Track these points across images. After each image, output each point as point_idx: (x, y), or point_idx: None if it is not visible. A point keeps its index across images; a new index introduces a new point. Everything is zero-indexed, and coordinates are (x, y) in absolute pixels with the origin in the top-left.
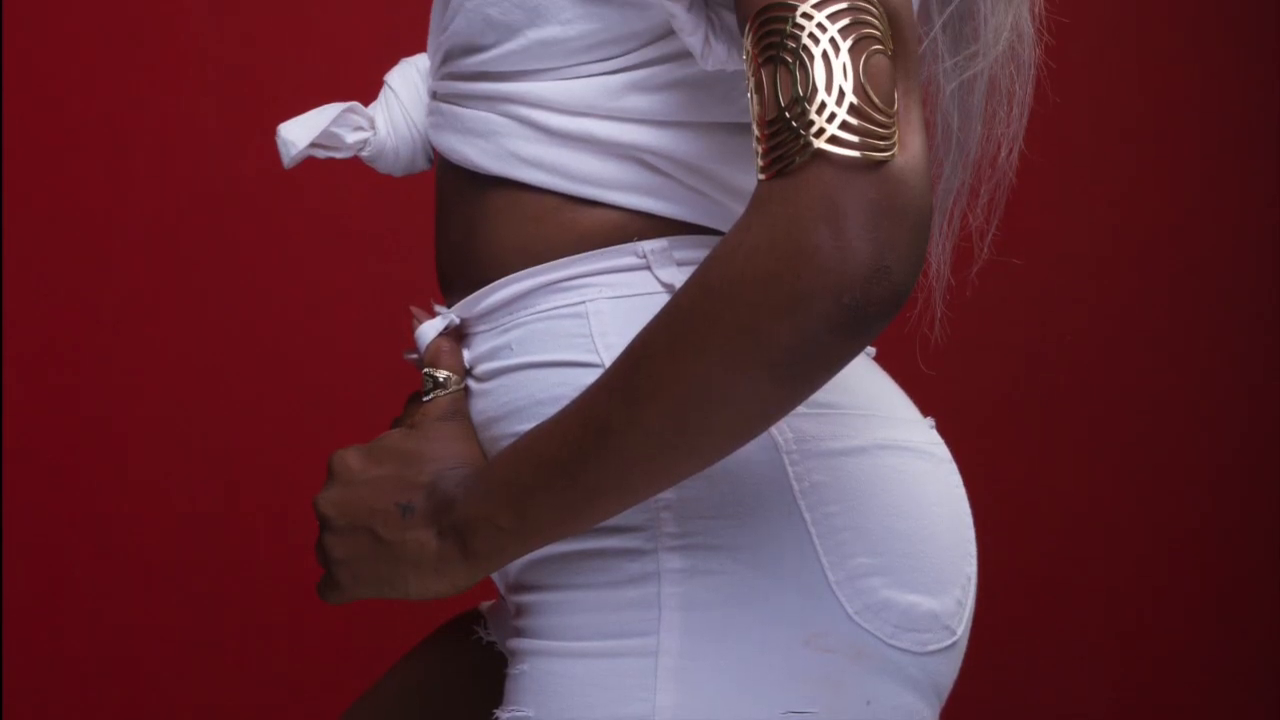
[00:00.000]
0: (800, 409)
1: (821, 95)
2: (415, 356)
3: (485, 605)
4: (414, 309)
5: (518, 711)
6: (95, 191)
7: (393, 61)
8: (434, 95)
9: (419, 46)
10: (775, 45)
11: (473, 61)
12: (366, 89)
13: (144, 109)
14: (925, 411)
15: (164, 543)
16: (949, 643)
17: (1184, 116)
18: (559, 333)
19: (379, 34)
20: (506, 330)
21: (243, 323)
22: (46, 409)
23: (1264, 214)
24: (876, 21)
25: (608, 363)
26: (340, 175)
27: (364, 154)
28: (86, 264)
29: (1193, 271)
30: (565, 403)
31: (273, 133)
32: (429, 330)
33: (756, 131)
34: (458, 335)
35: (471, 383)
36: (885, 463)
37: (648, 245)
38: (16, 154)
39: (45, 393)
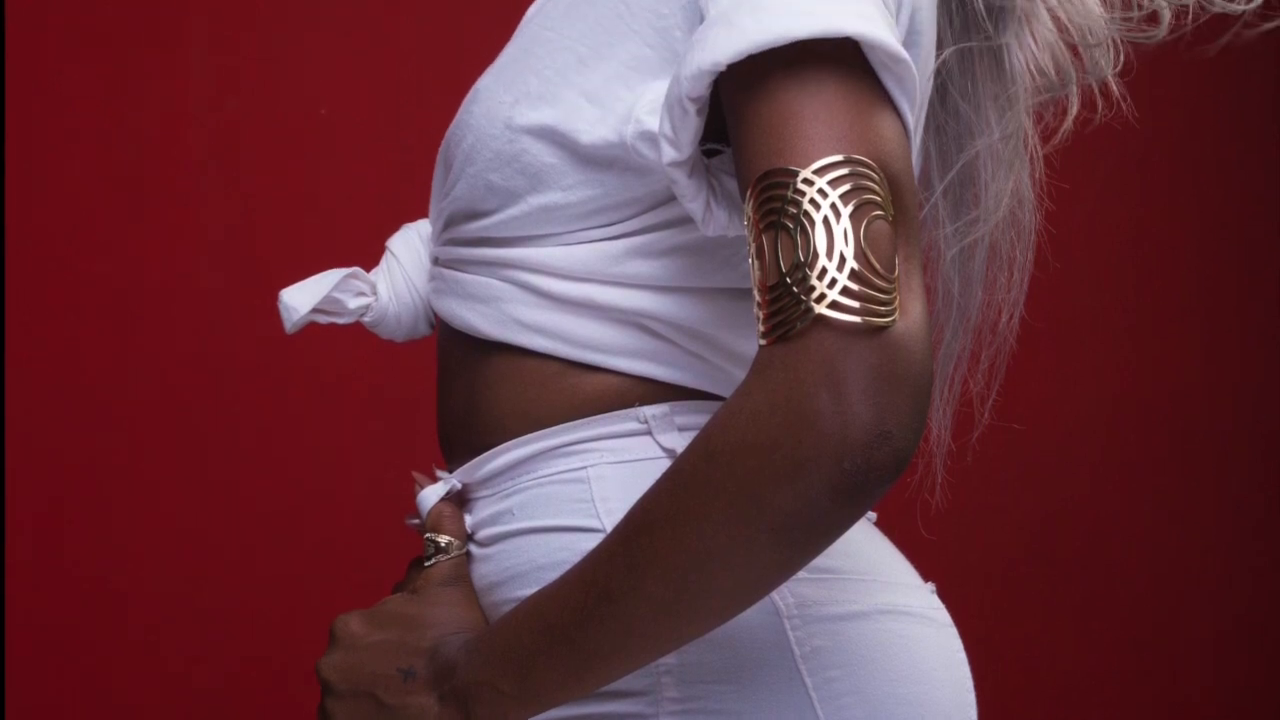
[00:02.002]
0: (801, 574)
1: (823, 261)
2: (417, 522)
3: None
4: (416, 474)
5: None
6: (97, 353)
7: (395, 226)
8: (435, 260)
9: (421, 212)
10: (776, 211)
11: (474, 227)
12: (368, 254)
13: (145, 269)
14: (926, 576)
15: (166, 709)
16: None
17: (1184, 284)
18: (560, 498)
19: (381, 199)
20: (508, 495)
21: (244, 488)
22: (48, 572)
23: (1265, 379)
24: (877, 187)
25: (609, 528)
26: (342, 340)
27: (366, 319)
28: (89, 426)
29: (1195, 439)
30: (567, 568)
31: (275, 298)
32: (430, 495)
33: (757, 296)
34: (459, 500)
35: (473, 548)
36: (886, 628)
37: (649, 410)
38: (19, 325)
39: (47, 555)
